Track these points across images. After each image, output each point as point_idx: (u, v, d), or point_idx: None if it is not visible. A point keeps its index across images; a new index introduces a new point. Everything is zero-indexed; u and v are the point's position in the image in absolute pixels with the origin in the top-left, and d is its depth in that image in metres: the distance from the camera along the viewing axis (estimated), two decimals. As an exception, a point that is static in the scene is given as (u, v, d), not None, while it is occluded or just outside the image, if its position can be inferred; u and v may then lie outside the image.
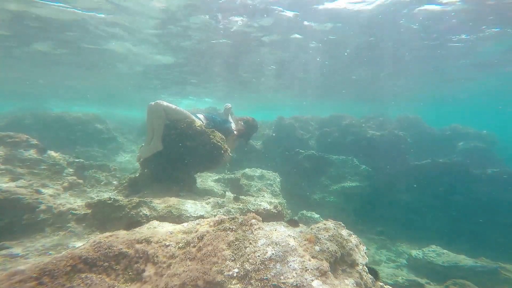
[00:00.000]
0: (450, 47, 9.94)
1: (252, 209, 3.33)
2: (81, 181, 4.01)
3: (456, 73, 13.27)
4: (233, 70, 13.85)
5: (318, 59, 11.61)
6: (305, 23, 8.47)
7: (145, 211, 2.76)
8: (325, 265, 1.42)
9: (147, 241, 1.71)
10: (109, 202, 2.82)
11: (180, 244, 1.66)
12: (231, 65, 13.02)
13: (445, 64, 11.91)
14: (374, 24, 8.25)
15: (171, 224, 2.08)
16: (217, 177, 5.31)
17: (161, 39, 9.98)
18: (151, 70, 14.65)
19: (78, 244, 2.50)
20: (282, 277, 1.30)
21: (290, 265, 1.37)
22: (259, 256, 1.43)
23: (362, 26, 8.37)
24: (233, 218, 1.81)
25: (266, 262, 1.39)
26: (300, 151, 9.74)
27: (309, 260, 1.43)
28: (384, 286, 1.99)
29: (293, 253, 1.47)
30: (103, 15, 8.22)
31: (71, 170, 4.25)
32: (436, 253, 6.74)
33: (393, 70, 13.03)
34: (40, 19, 8.39)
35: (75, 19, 8.46)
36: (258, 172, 6.36)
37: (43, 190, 3.30)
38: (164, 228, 1.92)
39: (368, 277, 1.80)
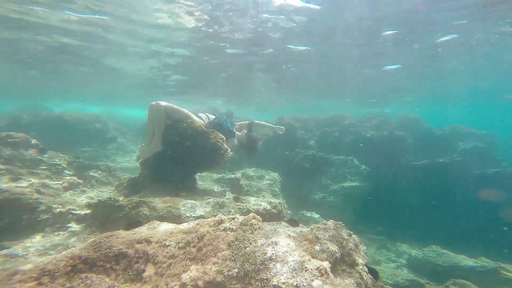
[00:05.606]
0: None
1: (252, 209, 3.33)
2: (81, 181, 4.01)
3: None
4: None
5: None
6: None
7: (145, 211, 2.76)
8: (325, 265, 1.42)
9: (147, 241, 1.71)
10: (109, 202, 2.82)
11: (180, 244, 1.66)
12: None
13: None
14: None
15: (171, 224, 2.08)
16: (217, 177, 5.31)
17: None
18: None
19: (78, 244, 2.50)
20: (282, 277, 1.29)
21: (290, 265, 1.37)
22: (259, 256, 1.43)
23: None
24: (233, 218, 1.81)
25: (266, 262, 1.39)
26: (300, 151, 9.74)
27: (309, 260, 1.43)
28: (384, 286, 1.99)
29: (293, 253, 1.47)
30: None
31: (71, 170, 4.25)
32: (436, 253, 6.74)
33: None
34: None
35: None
36: (258, 172, 6.36)
37: (43, 190, 3.30)
38: (164, 228, 1.92)
39: (368, 277, 1.80)
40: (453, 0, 6.78)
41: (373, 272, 1.92)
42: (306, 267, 1.36)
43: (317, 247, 1.61)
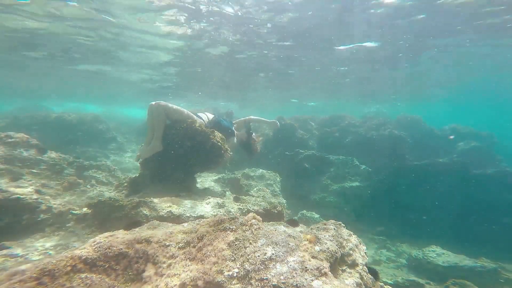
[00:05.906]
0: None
1: (252, 209, 3.33)
2: (81, 181, 4.01)
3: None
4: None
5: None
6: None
7: (145, 211, 2.76)
8: (325, 265, 1.42)
9: (147, 241, 1.71)
10: (109, 202, 2.82)
11: (180, 244, 1.66)
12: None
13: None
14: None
15: (171, 224, 2.08)
16: (217, 177, 5.31)
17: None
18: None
19: (78, 244, 2.50)
20: (282, 277, 1.29)
21: (290, 265, 1.37)
22: (259, 256, 1.43)
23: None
24: (233, 218, 1.81)
25: (266, 262, 1.39)
26: (300, 151, 9.74)
27: (309, 260, 1.43)
28: (384, 286, 1.99)
29: (293, 253, 1.47)
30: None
31: (71, 170, 4.25)
32: (436, 253, 6.74)
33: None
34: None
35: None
36: (258, 172, 6.36)
37: (43, 190, 3.30)
38: (164, 228, 1.92)
39: (368, 277, 1.80)
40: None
41: (373, 272, 1.92)
42: (306, 267, 1.36)
43: (317, 247, 1.61)
